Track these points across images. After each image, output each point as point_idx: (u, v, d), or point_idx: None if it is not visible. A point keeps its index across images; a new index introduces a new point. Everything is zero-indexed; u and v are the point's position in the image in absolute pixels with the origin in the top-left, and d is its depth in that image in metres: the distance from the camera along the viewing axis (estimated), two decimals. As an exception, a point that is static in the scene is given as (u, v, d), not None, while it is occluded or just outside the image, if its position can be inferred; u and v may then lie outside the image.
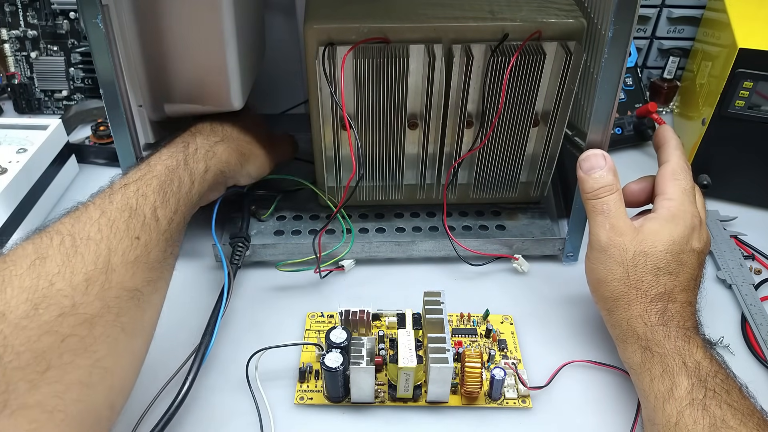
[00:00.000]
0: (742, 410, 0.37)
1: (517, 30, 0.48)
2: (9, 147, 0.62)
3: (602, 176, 0.46)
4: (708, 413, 0.37)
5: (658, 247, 0.44)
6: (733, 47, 0.58)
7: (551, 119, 0.52)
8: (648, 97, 0.77)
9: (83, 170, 0.70)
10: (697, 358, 0.40)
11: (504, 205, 0.61)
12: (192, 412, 0.45)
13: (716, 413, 0.37)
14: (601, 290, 0.45)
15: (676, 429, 0.37)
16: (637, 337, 0.43)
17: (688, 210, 0.45)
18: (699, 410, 0.37)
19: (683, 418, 0.37)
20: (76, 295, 0.33)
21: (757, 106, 0.59)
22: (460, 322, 0.51)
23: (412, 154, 0.55)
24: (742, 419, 0.36)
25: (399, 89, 0.50)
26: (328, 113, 0.52)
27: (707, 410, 0.37)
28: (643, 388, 0.42)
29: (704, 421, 0.36)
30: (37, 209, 0.61)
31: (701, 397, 0.38)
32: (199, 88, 0.49)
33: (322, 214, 0.60)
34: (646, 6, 0.75)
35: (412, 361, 0.42)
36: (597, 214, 0.46)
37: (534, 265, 0.57)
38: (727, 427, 0.36)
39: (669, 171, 0.47)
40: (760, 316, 0.52)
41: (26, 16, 0.73)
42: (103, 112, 0.53)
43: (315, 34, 0.48)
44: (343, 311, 0.48)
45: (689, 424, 0.37)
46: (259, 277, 0.56)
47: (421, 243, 0.57)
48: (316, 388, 0.46)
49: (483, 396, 0.46)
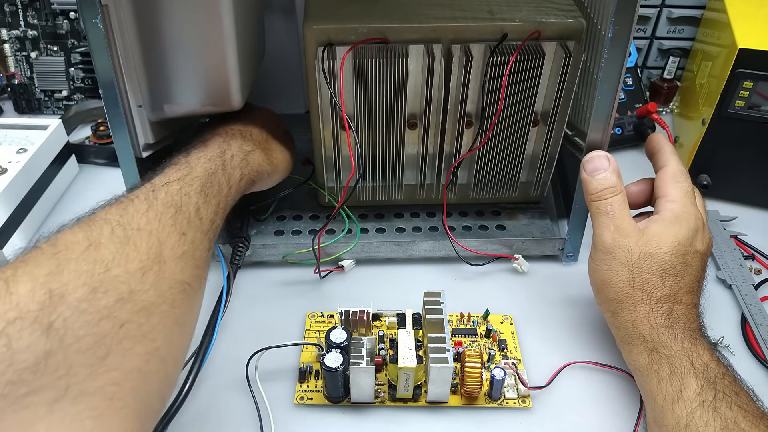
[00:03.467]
0: (753, 412, 0.37)
1: (516, 30, 0.48)
2: (9, 147, 0.62)
3: (606, 178, 0.46)
4: (719, 415, 0.37)
5: (664, 248, 0.44)
6: (733, 47, 0.58)
7: (551, 119, 0.52)
8: (648, 97, 0.77)
9: (83, 170, 0.70)
10: (705, 360, 0.40)
11: (504, 205, 0.61)
12: (192, 412, 0.45)
13: (728, 415, 0.37)
14: (606, 292, 0.45)
15: (686, 430, 0.37)
16: (643, 339, 0.43)
17: (690, 212, 0.45)
18: (710, 412, 0.37)
19: (694, 420, 0.37)
20: (133, 282, 0.33)
21: (757, 106, 0.59)
22: (460, 322, 0.51)
23: (412, 154, 0.55)
24: (753, 421, 0.36)
25: (398, 89, 0.50)
26: (327, 113, 0.52)
27: (718, 412, 0.37)
28: (650, 390, 0.41)
29: (716, 423, 0.36)
30: (37, 209, 0.61)
31: (711, 398, 0.38)
32: (199, 88, 0.49)
33: (322, 214, 0.60)
34: (646, 6, 0.75)
35: (412, 361, 0.42)
36: (601, 216, 0.46)
37: (534, 265, 0.57)
38: (739, 429, 0.36)
39: (669, 174, 0.47)
40: (760, 316, 0.52)
41: (26, 16, 0.73)
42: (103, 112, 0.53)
43: (314, 35, 0.48)
44: (343, 311, 0.48)
45: (700, 425, 0.37)
46: (259, 277, 0.56)
47: (421, 243, 0.57)
48: (316, 388, 0.46)
49: (483, 396, 0.46)
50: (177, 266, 0.36)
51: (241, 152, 0.48)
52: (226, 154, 0.46)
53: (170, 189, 0.39)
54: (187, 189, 0.40)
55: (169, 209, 0.38)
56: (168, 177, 0.41)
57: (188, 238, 0.38)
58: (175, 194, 0.39)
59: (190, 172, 0.42)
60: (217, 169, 0.44)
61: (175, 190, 0.40)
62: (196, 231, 0.39)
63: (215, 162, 0.45)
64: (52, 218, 0.63)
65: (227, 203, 0.44)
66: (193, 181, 0.41)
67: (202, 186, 0.42)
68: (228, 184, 0.45)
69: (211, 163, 0.44)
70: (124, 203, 0.37)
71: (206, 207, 0.41)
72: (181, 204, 0.39)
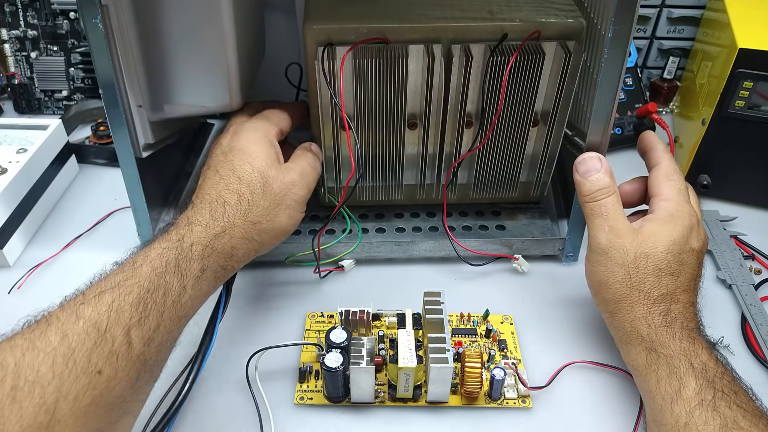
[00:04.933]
0: (752, 411, 0.37)
1: (516, 30, 0.48)
2: (9, 147, 0.62)
3: (599, 179, 0.46)
4: (718, 414, 0.37)
5: (659, 247, 0.44)
6: (733, 47, 0.58)
7: (551, 119, 0.52)
8: (648, 97, 0.77)
9: (83, 170, 0.70)
10: (703, 359, 0.40)
11: (504, 205, 0.61)
12: (192, 412, 0.45)
13: (727, 414, 0.37)
14: (603, 293, 0.45)
15: (685, 429, 0.37)
16: (641, 339, 0.43)
17: (685, 210, 0.45)
18: (709, 411, 0.37)
19: (693, 419, 0.37)
20: None
21: (757, 106, 0.59)
22: (460, 322, 0.51)
23: (412, 154, 0.55)
24: (752, 420, 0.36)
25: (398, 89, 0.50)
26: (327, 113, 0.52)
27: (717, 411, 0.37)
28: (648, 389, 0.41)
29: (715, 422, 0.36)
30: (37, 209, 0.61)
31: (710, 397, 0.38)
32: (198, 88, 0.49)
33: (322, 214, 0.60)
34: (646, 6, 0.75)
35: (412, 361, 0.42)
36: (595, 217, 0.46)
37: (534, 265, 0.57)
38: (738, 428, 0.36)
39: (662, 172, 0.47)
40: (760, 316, 0.52)
41: (26, 16, 0.73)
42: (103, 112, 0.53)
43: (314, 35, 0.48)
44: (343, 311, 0.48)
45: (699, 424, 0.37)
46: (259, 277, 0.56)
47: (421, 243, 0.57)
48: (316, 388, 0.46)
49: (483, 396, 0.46)
50: (77, 422, 0.30)
51: (204, 237, 0.40)
52: (184, 242, 0.38)
53: (99, 304, 0.33)
54: (121, 302, 0.34)
55: (89, 337, 0.32)
56: (105, 283, 0.35)
57: (104, 378, 0.31)
58: (102, 312, 0.33)
59: (132, 275, 0.35)
60: (167, 266, 0.37)
61: (105, 306, 0.33)
62: (120, 361, 0.32)
63: (165, 257, 0.37)
64: (52, 218, 0.63)
65: (179, 309, 0.37)
66: (132, 288, 0.35)
67: (141, 295, 0.35)
68: (181, 283, 0.37)
69: (160, 259, 0.37)
70: (39, 328, 0.32)
71: (141, 325, 0.34)
72: (107, 327, 0.33)
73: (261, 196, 0.44)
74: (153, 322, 0.35)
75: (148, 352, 0.34)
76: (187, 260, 0.38)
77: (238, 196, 0.43)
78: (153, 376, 0.36)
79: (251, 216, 0.43)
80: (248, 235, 0.43)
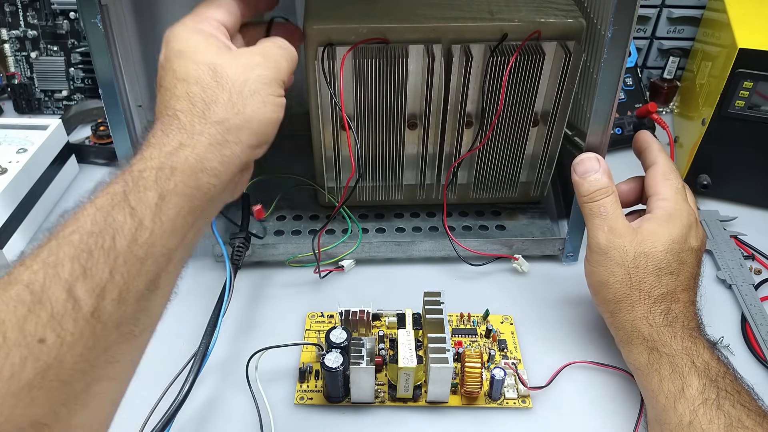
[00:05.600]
0: (756, 411, 0.37)
1: (516, 30, 0.48)
2: (9, 147, 0.62)
3: (597, 179, 0.46)
4: (723, 412, 0.37)
5: (659, 247, 0.44)
6: (733, 47, 0.58)
7: (551, 119, 0.52)
8: (648, 97, 0.77)
9: (83, 170, 0.70)
10: (705, 358, 0.40)
11: (504, 205, 0.61)
12: (192, 412, 0.45)
13: (731, 413, 0.37)
14: (603, 293, 0.45)
15: (690, 428, 0.37)
16: (642, 338, 0.43)
17: (683, 209, 0.45)
18: (713, 410, 0.37)
19: (697, 417, 0.37)
20: None
21: (757, 106, 0.59)
22: (460, 322, 0.51)
23: (412, 154, 0.55)
24: (756, 419, 0.37)
25: (398, 89, 0.50)
26: (327, 114, 0.52)
27: (722, 410, 0.37)
28: (651, 389, 0.41)
29: (719, 421, 0.36)
30: (37, 209, 0.61)
31: (714, 396, 0.38)
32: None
33: (322, 214, 0.60)
34: (646, 6, 0.75)
35: (412, 361, 0.42)
36: (594, 217, 0.46)
37: (534, 265, 0.57)
38: (743, 428, 0.36)
39: (659, 172, 0.47)
40: (760, 316, 0.52)
41: (26, 16, 0.73)
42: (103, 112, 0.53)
43: (314, 35, 0.48)
44: (343, 311, 0.48)
45: (704, 423, 0.37)
46: (259, 277, 0.56)
47: (421, 243, 0.57)
48: (316, 388, 0.46)
49: (483, 396, 0.46)
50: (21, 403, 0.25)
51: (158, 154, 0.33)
52: (134, 168, 0.32)
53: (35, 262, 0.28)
54: (58, 254, 0.28)
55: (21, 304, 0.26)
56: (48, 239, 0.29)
57: (48, 345, 0.26)
58: (37, 271, 0.27)
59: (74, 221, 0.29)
60: (113, 201, 0.30)
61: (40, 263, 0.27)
62: (66, 324, 0.27)
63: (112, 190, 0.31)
64: (52, 218, 0.63)
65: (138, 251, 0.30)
66: (70, 236, 0.28)
67: (82, 244, 0.28)
68: (134, 220, 0.30)
69: (105, 196, 0.30)
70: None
71: (87, 279, 0.28)
72: (43, 287, 0.27)
73: (216, 88, 0.36)
74: (103, 271, 0.28)
75: (105, 306, 0.28)
76: (138, 189, 0.31)
77: (189, 99, 0.35)
78: (126, 332, 0.30)
79: (212, 115, 0.35)
80: (217, 140, 0.34)
